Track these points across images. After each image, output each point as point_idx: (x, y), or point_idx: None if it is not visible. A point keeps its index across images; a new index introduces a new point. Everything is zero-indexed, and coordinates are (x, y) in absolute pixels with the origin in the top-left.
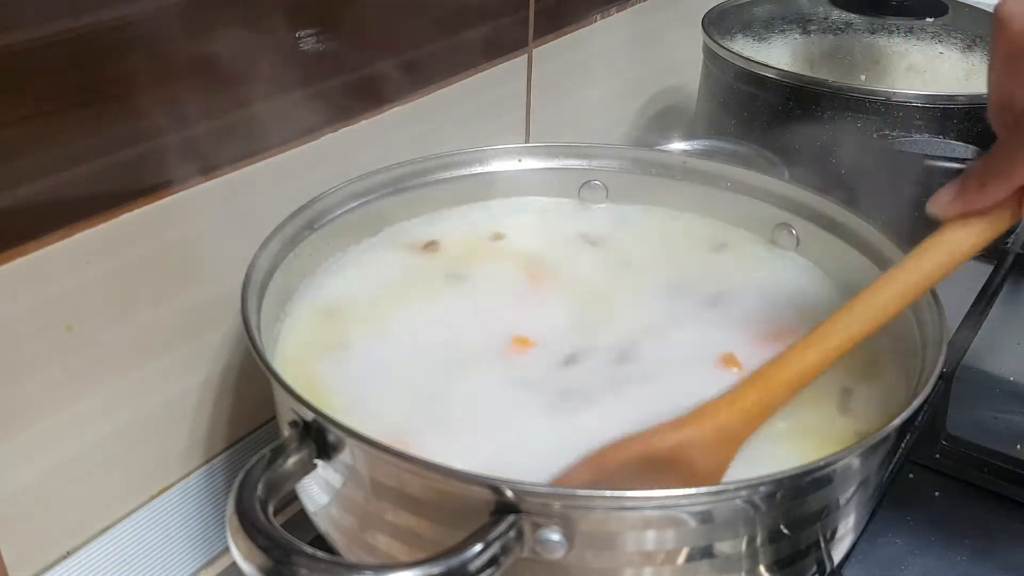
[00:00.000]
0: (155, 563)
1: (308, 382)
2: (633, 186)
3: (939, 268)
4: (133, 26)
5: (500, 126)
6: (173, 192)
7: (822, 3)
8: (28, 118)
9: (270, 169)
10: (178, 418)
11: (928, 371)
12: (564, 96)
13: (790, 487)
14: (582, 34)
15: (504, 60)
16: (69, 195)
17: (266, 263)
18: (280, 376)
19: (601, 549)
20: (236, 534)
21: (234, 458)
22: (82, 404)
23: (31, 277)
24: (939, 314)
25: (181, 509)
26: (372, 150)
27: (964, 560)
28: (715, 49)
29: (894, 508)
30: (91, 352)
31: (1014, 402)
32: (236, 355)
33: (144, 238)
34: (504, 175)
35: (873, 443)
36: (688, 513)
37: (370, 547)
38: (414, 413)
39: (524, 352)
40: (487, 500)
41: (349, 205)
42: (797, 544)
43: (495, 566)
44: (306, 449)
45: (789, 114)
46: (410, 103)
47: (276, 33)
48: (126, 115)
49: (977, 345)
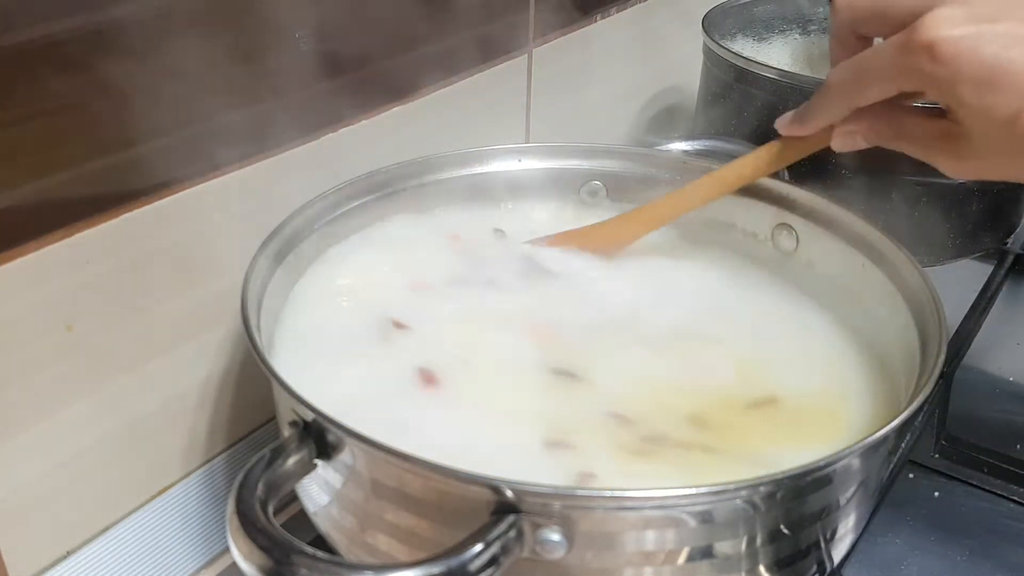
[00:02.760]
0: (155, 563)
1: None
2: (633, 186)
3: (767, 165)
4: (132, 27)
5: (500, 126)
6: (173, 192)
7: (822, 3)
8: (28, 118)
9: (270, 169)
10: (178, 418)
11: (928, 371)
12: (564, 96)
13: (790, 487)
14: (582, 34)
15: (504, 60)
16: (69, 195)
17: (266, 263)
18: (280, 376)
19: (601, 549)
20: (236, 534)
21: (234, 458)
22: (82, 404)
23: (31, 277)
24: (939, 314)
25: (181, 509)
26: (372, 150)
27: (964, 560)
28: (715, 49)
29: (894, 508)
30: (91, 352)
31: (1014, 402)
32: (236, 355)
33: (144, 238)
34: (504, 175)
35: (873, 443)
36: (688, 513)
37: (370, 547)
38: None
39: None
40: (487, 500)
41: (349, 205)
42: (797, 544)
43: (495, 566)
44: (306, 449)
45: None
46: (410, 103)
47: (276, 33)
48: (125, 115)
49: (977, 345)
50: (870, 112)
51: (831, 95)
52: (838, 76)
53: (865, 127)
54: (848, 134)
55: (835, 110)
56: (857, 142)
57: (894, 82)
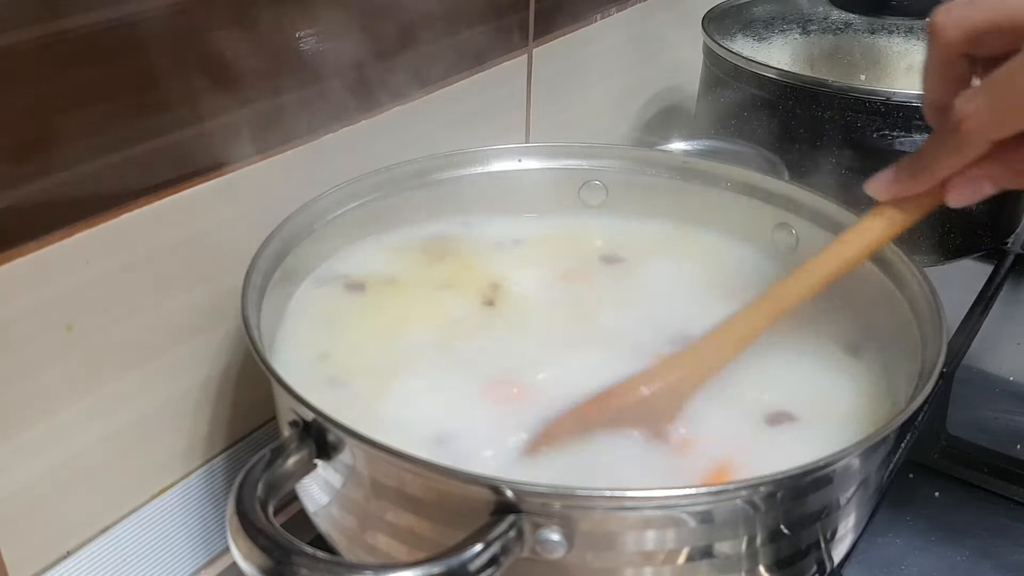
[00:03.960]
0: (155, 563)
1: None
2: (633, 186)
3: (876, 240)
4: (132, 27)
5: (500, 126)
6: (173, 192)
7: (822, 3)
8: (28, 118)
9: (270, 170)
10: (178, 418)
11: (928, 371)
12: (564, 96)
13: (790, 487)
14: (582, 34)
15: (504, 60)
16: (69, 195)
17: (266, 263)
18: (280, 376)
19: (601, 549)
20: (236, 534)
21: (234, 458)
22: (82, 404)
23: (31, 277)
24: (939, 314)
25: (181, 509)
26: (372, 150)
27: (964, 560)
28: (715, 49)
29: (894, 508)
30: (91, 352)
31: (1014, 402)
32: (236, 355)
33: (144, 238)
34: (504, 175)
35: (873, 443)
36: (688, 513)
37: (370, 547)
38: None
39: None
40: (487, 500)
41: (349, 205)
42: (797, 544)
43: (495, 566)
44: (306, 449)
45: (789, 114)
46: (410, 103)
47: (276, 33)
48: (124, 116)
49: (977, 345)
50: (997, 150)
51: (964, 132)
52: (972, 107)
53: (996, 170)
54: (973, 181)
55: (970, 150)
56: (983, 190)
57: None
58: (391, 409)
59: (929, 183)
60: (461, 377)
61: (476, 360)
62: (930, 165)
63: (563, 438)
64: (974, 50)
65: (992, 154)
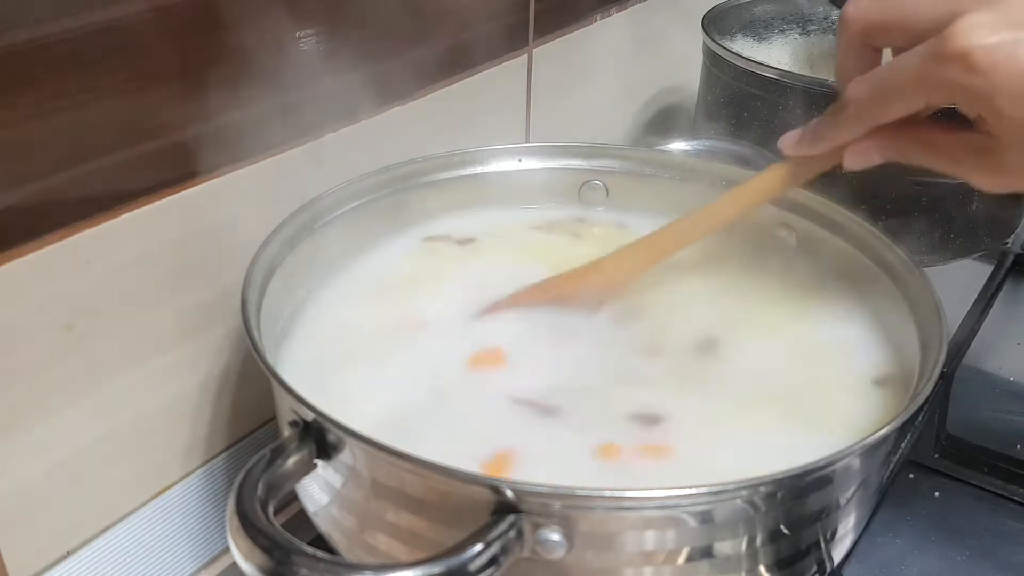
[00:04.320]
0: (155, 563)
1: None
2: (633, 186)
3: (776, 187)
4: (132, 27)
5: (500, 126)
6: (172, 193)
7: (822, 3)
8: (28, 118)
9: (270, 170)
10: (178, 418)
11: (928, 371)
12: (564, 96)
13: (790, 487)
14: (582, 34)
15: (504, 60)
16: (69, 195)
17: (266, 263)
18: (280, 376)
19: (601, 549)
20: (236, 534)
21: (234, 458)
22: (82, 404)
23: (31, 277)
24: (939, 314)
25: (181, 509)
26: (372, 150)
27: (964, 560)
28: (715, 49)
29: (894, 508)
30: (91, 352)
31: (1014, 402)
32: (236, 355)
33: (144, 238)
34: (504, 175)
35: (873, 443)
36: (688, 513)
37: (370, 547)
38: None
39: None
40: (487, 500)
41: (349, 205)
42: (797, 544)
43: (495, 566)
44: (306, 449)
45: (789, 114)
46: (410, 103)
47: (277, 33)
48: (123, 116)
49: (977, 345)
50: (889, 127)
51: (849, 112)
52: (857, 92)
53: (883, 143)
54: (863, 151)
55: (854, 128)
56: (872, 159)
57: (922, 96)
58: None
59: (824, 148)
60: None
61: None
62: (826, 135)
63: (511, 307)
64: (874, 42)
65: (894, 127)
